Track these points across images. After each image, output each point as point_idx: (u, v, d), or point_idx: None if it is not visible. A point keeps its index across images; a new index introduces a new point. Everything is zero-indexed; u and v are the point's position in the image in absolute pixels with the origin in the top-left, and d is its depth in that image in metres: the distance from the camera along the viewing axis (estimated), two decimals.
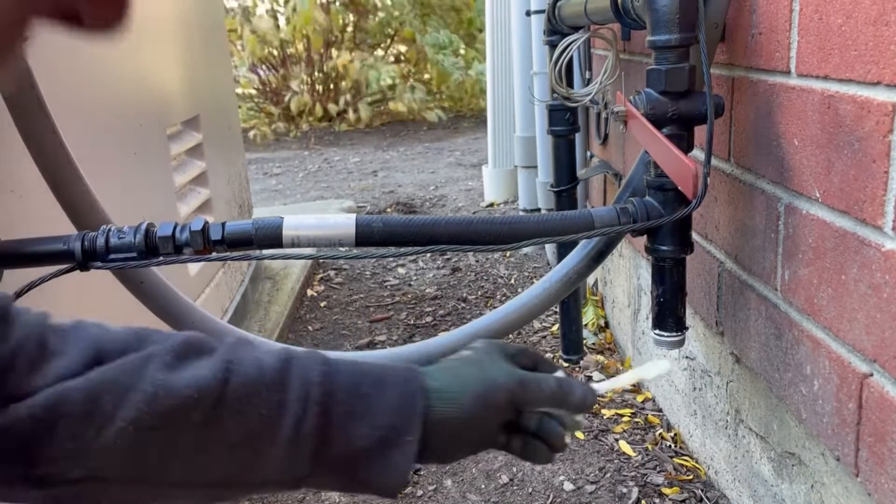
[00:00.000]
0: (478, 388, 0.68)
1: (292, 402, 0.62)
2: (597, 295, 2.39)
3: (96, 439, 0.56)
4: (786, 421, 1.12)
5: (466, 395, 0.67)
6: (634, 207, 1.06)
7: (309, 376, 0.63)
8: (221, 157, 2.30)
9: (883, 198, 0.82)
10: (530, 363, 0.75)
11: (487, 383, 0.68)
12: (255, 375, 0.62)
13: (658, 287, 1.12)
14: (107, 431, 0.56)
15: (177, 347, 0.61)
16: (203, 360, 0.61)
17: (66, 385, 0.57)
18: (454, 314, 2.53)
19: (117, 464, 0.58)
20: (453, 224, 1.00)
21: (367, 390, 0.64)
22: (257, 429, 0.61)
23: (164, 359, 0.60)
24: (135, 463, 0.58)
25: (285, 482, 0.64)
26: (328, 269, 3.04)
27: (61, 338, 0.61)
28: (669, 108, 1.03)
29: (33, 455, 0.55)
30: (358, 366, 0.67)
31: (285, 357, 0.64)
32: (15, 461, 0.56)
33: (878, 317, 0.85)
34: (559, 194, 1.98)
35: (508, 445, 0.71)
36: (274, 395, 0.62)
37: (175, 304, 1.12)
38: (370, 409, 0.64)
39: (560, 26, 1.75)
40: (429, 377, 0.68)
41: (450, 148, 5.80)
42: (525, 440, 0.71)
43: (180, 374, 0.59)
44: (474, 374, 0.69)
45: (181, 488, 0.62)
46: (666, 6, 1.01)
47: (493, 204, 3.86)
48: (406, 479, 0.65)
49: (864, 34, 0.83)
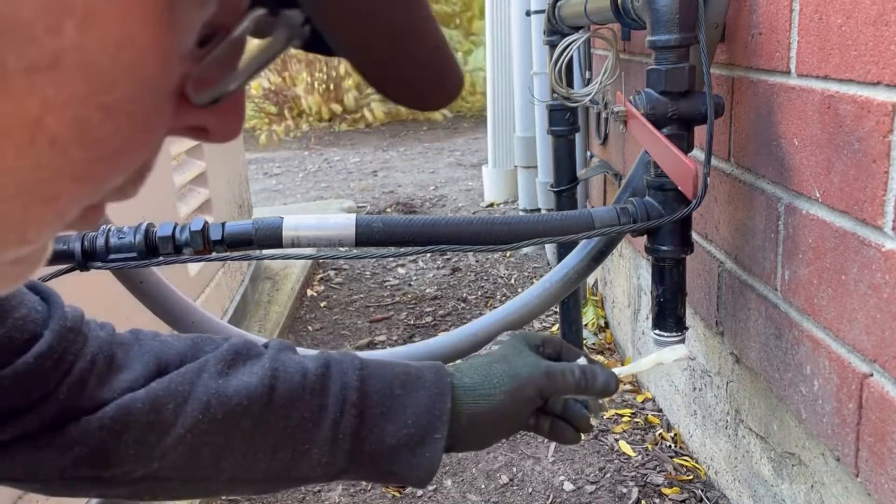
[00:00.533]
0: (507, 385, 0.73)
1: (332, 405, 0.68)
2: (597, 295, 2.39)
3: (158, 445, 0.63)
4: (786, 421, 1.12)
5: (496, 392, 0.73)
6: (634, 207, 1.06)
7: (346, 381, 0.69)
8: (221, 157, 2.30)
9: (883, 198, 0.82)
10: (554, 352, 0.80)
11: (516, 379, 0.73)
12: (299, 381, 0.68)
13: (658, 287, 1.12)
14: (167, 437, 0.63)
15: (226, 356, 0.67)
16: (250, 367, 0.68)
17: (132, 396, 0.63)
18: (454, 314, 2.53)
19: (175, 465, 0.64)
20: (453, 224, 1.00)
21: (399, 391, 0.70)
22: (299, 430, 0.67)
23: (217, 367, 0.66)
24: (190, 463, 0.65)
25: (324, 475, 0.69)
26: (328, 269, 3.04)
27: (126, 352, 0.67)
28: (669, 108, 1.03)
29: (103, 459, 0.62)
30: (390, 368, 0.72)
31: (325, 362, 0.70)
32: (86, 465, 0.62)
33: (878, 317, 0.85)
34: (559, 194, 1.98)
35: (537, 427, 0.77)
36: (315, 399, 0.68)
37: (175, 304, 1.12)
38: (402, 410, 0.70)
39: (560, 26, 1.75)
40: (458, 375, 0.74)
41: (450, 148, 5.80)
42: (552, 422, 0.77)
43: (230, 382, 0.66)
44: (503, 370, 0.74)
45: (230, 483, 0.68)
46: (666, 6, 1.01)
47: (493, 204, 3.86)
48: (434, 471, 0.70)
49: (864, 34, 0.83)
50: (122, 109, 0.27)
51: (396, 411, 0.69)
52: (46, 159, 0.26)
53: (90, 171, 0.28)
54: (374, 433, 0.69)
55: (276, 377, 0.67)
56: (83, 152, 0.27)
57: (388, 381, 0.71)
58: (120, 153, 0.29)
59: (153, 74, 0.28)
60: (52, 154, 0.26)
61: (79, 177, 0.28)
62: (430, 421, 0.70)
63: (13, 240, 0.28)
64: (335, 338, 2.41)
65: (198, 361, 0.67)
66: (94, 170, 0.28)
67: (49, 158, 0.26)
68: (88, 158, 0.27)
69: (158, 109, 0.29)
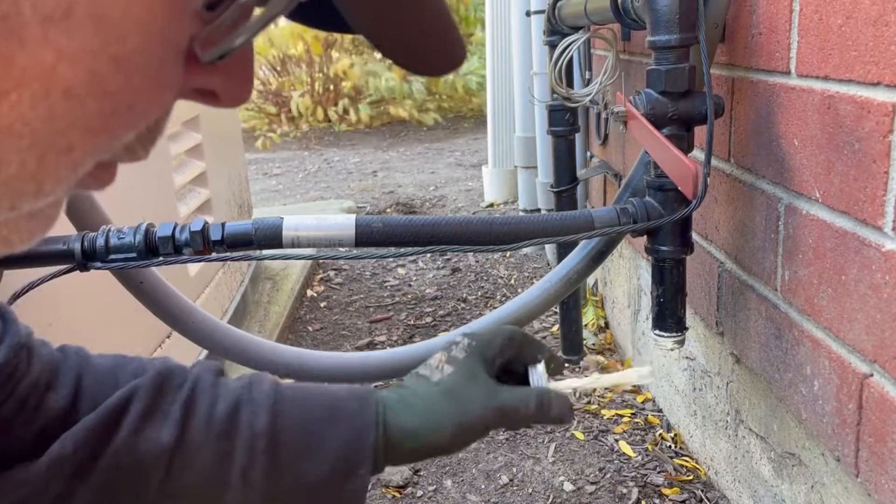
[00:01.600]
0: (451, 426, 0.68)
1: (239, 451, 0.65)
2: (597, 295, 2.39)
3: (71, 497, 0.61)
4: (786, 421, 1.12)
5: (439, 435, 0.68)
6: (634, 208, 1.06)
7: (256, 423, 0.66)
8: (221, 157, 2.30)
9: (883, 198, 0.82)
10: (514, 354, 0.75)
11: (462, 417, 0.69)
12: (205, 428, 0.65)
13: (658, 287, 1.12)
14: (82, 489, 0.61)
15: (149, 394, 0.65)
16: (165, 410, 0.65)
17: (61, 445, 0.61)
18: (454, 314, 2.53)
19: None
20: (453, 224, 1.00)
21: (317, 428, 0.67)
22: (209, 477, 0.65)
23: (136, 413, 0.64)
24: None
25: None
26: (328, 270, 3.04)
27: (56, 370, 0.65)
28: (669, 108, 1.03)
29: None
30: (310, 400, 0.69)
31: (235, 402, 0.67)
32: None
33: (878, 317, 0.85)
34: (559, 194, 1.98)
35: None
36: (222, 444, 0.65)
37: (175, 305, 1.12)
38: (320, 446, 0.66)
39: (560, 26, 1.75)
40: (398, 411, 0.69)
41: (450, 148, 5.80)
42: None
43: (145, 435, 0.64)
44: (449, 409, 0.69)
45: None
46: (666, 6, 1.01)
47: (493, 204, 3.86)
48: (362, 502, 0.67)
49: (864, 34, 0.83)
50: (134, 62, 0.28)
51: (315, 448, 0.66)
52: (61, 110, 0.27)
53: (104, 123, 0.29)
54: (290, 472, 0.66)
55: (186, 423, 0.65)
56: (96, 104, 0.28)
57: (304, 416, 0.67)
58: (132, 107, 0.29)
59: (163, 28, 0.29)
60: (66, 105, 0.27)
61: (93, 129, 0.29)
62: (352, 455, 0.67)
63: (30, 191, 0.29)
64: (335, 338, 2.41)
65: (121, 396, 0.64)
66: (107, 122, 0.29)
67: (63, 109, 0.27)
68: (102, 110, 0.28)
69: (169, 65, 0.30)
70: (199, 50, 0.31)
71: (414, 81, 6.55)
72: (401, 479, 1.59)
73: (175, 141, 1.89)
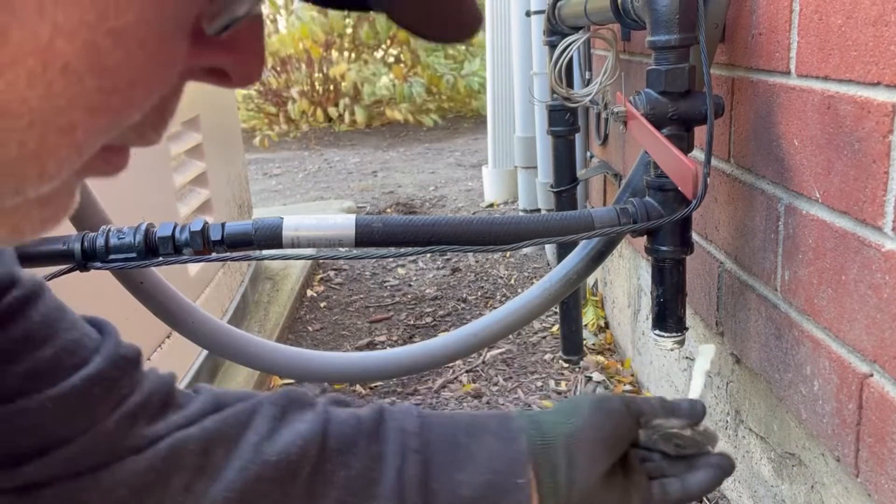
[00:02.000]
0: (592, 406, 0.68)
1: (390, 453, 0.62)
2: (597, 295, 2.39)
3: (206, 493, 0.58)
4: (786, 421, 1.12)
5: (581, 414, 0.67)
6: (634, 208, 1.06)
7: (404, 427, 0.64)
8: (221, 157, 2.30)
9: (883, 198, 0.82)
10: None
11: (600, 401, 0.69)
12: (353, 427, 0.63)
13: (658, 287, 1.12)
14: (216, 485, 0.58)
15: (280, 400, 0.63)
16: (302, 413, 0.63)
17: (185, 434, 0.58)
18: (454, 315, 2.53)
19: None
20: (453, 224, 1.00)
21: (464, 440, 0.64)
22: (360, 480, 0.61)
23: (271, 410, 0.62)
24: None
25: None
26: (328, 270, 3.04)
27: (185, 395, 0.63)
28: (669, 108, 1.03)
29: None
30: (451, 417, 0.67)
31: (379, 409, 0.65)
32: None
33: (878, 317, 0.85)
34: (559, 195, 1.98)
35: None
36: (373, 446, 0.63)
37: (175, 305, 1.12)
38: (470, 457, 0.63)
39: (560, 27, 1.75)
40: (537, 415, 0.68)
41: (450, 148, 5.80)
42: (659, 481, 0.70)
43: (284, 427, 0.61)
44: (584, 399, 0.69)
45: None
46: (666, 6, 1.01)
47: (493, 204, 3.86)
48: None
49: (864, 35, 0.83)
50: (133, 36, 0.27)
51: (465, 458, 0.63)
52: (59, 87, 0.26)
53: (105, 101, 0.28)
54: (443, 483, 0.62)
55: (328, 421, 0.63)
56: (96, 81, 0.27)
57: (449, 429, 0.65)
58: (134, 84, 0.28)
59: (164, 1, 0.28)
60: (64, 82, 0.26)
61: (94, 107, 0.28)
62: (506, 465, 0.63)
63: (33, 174, 0.28)
64: (335, 338, 2.41)
65: (251, 401, 0.63)
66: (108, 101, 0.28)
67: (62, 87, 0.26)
68: (102, 88, 0.27)
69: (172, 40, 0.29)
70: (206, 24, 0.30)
71: (414, 84, 6.55)
72: None
73: (175, 141, 1.89)
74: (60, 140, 0.28)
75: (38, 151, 0.27)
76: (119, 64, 0.27)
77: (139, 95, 0.29)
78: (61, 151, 0.28)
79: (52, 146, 0.28)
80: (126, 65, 0.27)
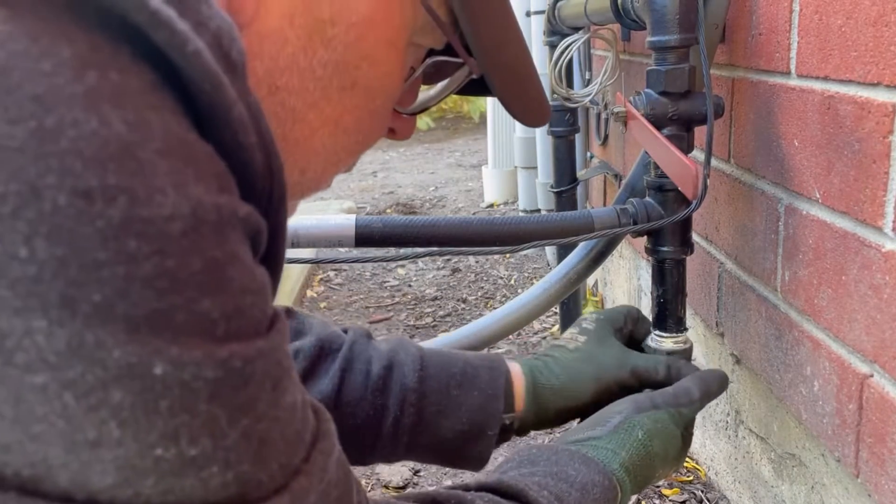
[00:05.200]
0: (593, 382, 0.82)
1: (392, 406, 0.76)
2: (597, 296, 2.39)
3: None
4: (786, 422, 1.12)
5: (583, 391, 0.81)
6: (634, 208, 1.06)
7: (406, 383, 0.77)
8: None
9: (883, 198, 0.82)
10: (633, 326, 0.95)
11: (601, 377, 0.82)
12: (361, 384, 0.76)
13: (658, 288, 1.12)
14: None
15: (312, 351, 0.76)
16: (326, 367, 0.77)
17: None
18: (454, 315, 2.53)
19: None
20: (453, 225, 1.00)
21: (455, 391, 0.78)
22: (364, 427, 0.76)
23: (301, 364, 0.75)
24: None
25: (384, 462, 0.80)
26: (328, 270, 3.04)
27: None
28: (669, 108, 1.03)
29: None
30: (448, 367, 0.79)
31: (388, 363, 0.78)
32: None
33: (878, 317, 0.85)
34: (559, 195, 1.98)
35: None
36: (378, 399, 0.76)
37: None
38: (457, 408, 0.77)
39: (560, 27, 1.75)
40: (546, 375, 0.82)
41: (449, 149, 5.80)
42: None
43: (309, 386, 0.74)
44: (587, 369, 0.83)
45: None
46: (666, 7, 1.00)
47: (493, 205, 3.86)
48: (486, 461, 0.80)
49: (865, 35, 0.83)
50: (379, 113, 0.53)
51: (452, 409, 0.77)
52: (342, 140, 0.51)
53: (358, 149, 0.54)
54: (430, 429, 0.76)
55: (343, 379, 0.75)
56: (356, 137, 0.52)
57: (444, 382, 0.77)
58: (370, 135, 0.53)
59: (393, 93, 0.53)
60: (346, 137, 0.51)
61: (351, 151, 0.53)
62: (484, 419, 0.77)
63: (344, 162, 0.53)
64: None
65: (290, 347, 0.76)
66: (356, 150, 0.53)
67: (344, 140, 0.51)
68: (357, 141, 0.52)
69: (388, 115, 0.54)
70: (398, 106, 0.56)
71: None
72: (401, 480, 1.59)
73: None
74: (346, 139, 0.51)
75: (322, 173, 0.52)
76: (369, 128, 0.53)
77: (367, 144, 0.54)
78: (348, 148, 0.52)
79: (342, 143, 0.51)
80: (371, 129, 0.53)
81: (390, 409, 0.76)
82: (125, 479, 0.31)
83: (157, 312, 0.31)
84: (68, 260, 0.29)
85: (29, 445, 0.30)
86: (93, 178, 0.29)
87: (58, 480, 0.30)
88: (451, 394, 0.77)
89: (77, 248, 0.29)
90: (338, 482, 0.42)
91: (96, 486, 0.31)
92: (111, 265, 0.30)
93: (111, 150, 0.30)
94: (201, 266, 0.32)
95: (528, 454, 0.72)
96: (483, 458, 0.79)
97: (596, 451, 0.72)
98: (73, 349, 0.29)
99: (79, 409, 0.30)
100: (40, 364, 0.29)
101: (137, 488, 0.31)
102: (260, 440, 0.35)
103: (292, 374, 0.38)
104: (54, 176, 0.29)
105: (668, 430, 0.78)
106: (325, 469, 0.40)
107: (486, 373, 0.79)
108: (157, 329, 0.31)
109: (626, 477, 0.72)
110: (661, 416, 0.79)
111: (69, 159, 0.29)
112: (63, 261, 0.29)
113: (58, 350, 0.29)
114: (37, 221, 0.29)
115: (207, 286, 0.32)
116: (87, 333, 0.30)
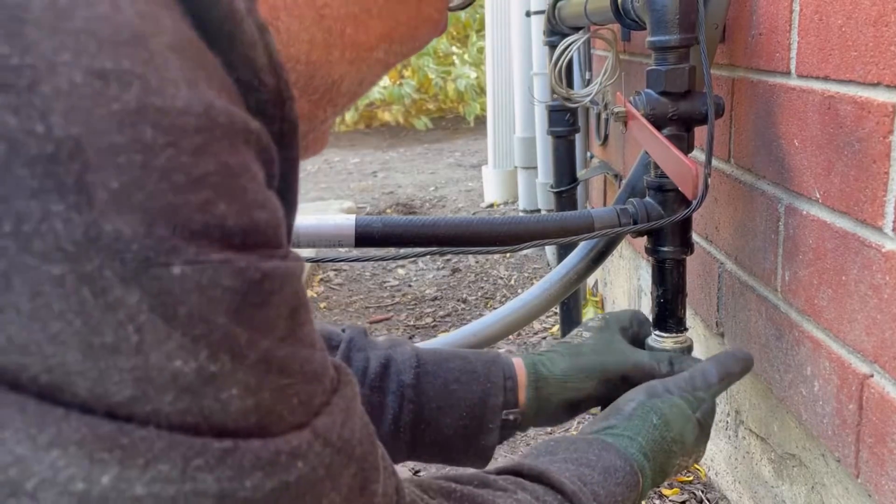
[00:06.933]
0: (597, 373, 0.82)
1: (390, 403, 0.75)
2: (597, 296, 2.39)
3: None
4: (786, 422, 1.12)
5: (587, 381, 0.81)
6: (635, 208, 1.06)
7: (403, 380, 0.76)
8: None
9: (883, 199, 0.82)
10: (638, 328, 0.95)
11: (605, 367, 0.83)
12: (359, 381, 0.74)
13: (658, 288, 1.12)
14: None
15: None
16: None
17: None
18: (454, 315, 2.53)
19: None
20: (453, 225, 1.00)
21: (454, 386, 0.77)
22: None
23: None
24: None
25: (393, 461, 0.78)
26: (328, 270, 3.04)
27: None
28: (669, 108, 1.03)
29: None
30: (446, 363, 0.79)
31: (385, 359, 0.77)
32: None
33: (879, 318, 0.85)
34: (559, 195, 1.98)
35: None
36: (375, 396, 0.75)
37: None
38: (457, 403, 0.76)
39: (560, 27, 1.75)
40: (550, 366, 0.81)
41: (449, 149, 5.80)
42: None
43: None
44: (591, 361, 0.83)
45: None
46: (666, 6, 1.00)
47: (493, 205, 3.86)
48: (490, 457, 0.79)
49: (865, 35, 0.83)
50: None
51: (451, 404, 0.76)
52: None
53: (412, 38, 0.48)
54: (431, 425, 0.76)
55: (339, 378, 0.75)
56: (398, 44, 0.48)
57: (442, 378, 0.77)
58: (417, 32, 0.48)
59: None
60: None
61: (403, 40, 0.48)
62: (484, 412, 0.76)
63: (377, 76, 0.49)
64: None
65: None
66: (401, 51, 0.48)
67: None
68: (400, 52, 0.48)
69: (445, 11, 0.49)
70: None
71: (405, 85, 6.54)
72: None
73: None
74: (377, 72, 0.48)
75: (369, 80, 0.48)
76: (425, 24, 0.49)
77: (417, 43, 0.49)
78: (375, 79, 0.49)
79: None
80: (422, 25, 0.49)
81: (389, 407, 0.75)
82: (143, 393, 0.30)
83: (173, 207, 0.29)
84: (84, 141, 0.28)
85: (47, 347, 0.28)
86: (107, 60, 0.29)
87: (77, 390, 0.29)
88: (449, 389, 0.76)
89: (93, 130, 0.28)
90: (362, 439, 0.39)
91: (114, 398, 0.29)
92: (128, 152, 0.28)
93: (124, 36, 0.29)
94: (215, 168, 0.30)
95: (546, 445, 0.70)
96: (486, 453, 0.78)
97: (614, 439, 0.71)
98: (91, 239, 0.28)
99: (96, 307, 0.28)
100: (58, 253, 0.28)
101: (156, 405, 0.30)
102: (279, 369, 0.33)
103: (310, 315, 0.37)
104: (69, 53, 0.28)
105: (683, 415, 0.77)
106: (348, 417, 0.38)
107: (485, 367, 0.78)
108: (174, 225, 0.29)
109: (645, 463, 0.70)
110: (676, 400, 0.78)
111: (84, 38, 0.28)
112: (79, 141, 0.28)
113: (75, 239, 0.28)
114: (53, 97, 0.28)
115: (222, 189, 0.31)
116: (105, 223, 0.28)
